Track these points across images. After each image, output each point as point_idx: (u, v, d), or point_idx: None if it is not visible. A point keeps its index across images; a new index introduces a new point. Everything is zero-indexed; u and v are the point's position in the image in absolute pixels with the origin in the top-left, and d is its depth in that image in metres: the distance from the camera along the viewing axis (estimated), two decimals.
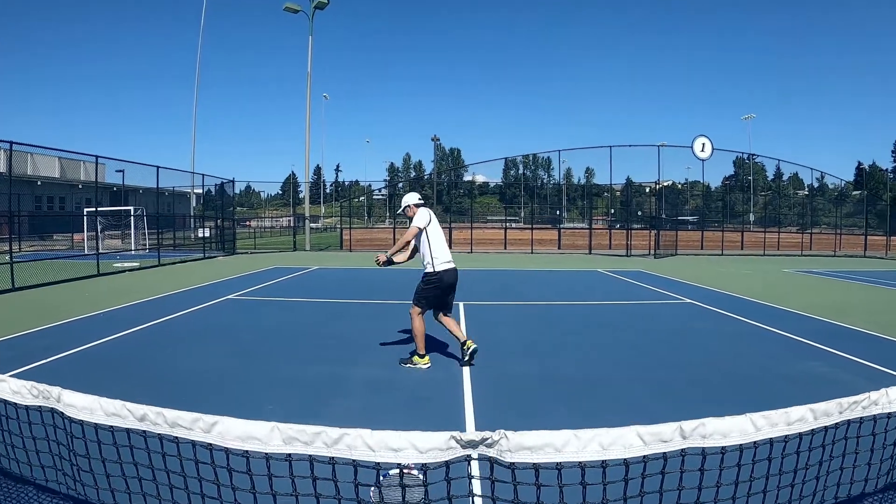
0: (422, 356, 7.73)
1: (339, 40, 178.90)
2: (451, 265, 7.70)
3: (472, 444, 1.81)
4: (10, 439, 2.51)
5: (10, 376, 6.67)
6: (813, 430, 2.33)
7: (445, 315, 7.90)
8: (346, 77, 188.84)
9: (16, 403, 2.26)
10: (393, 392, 6.77)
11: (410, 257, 7.97)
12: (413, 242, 7.80)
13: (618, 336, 10.12)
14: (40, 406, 2.19)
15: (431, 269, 7.56)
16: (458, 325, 8.27)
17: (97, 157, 21.82)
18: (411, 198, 7.88)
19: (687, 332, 10.52)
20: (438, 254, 7.57)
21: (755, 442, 2.17)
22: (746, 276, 21.75)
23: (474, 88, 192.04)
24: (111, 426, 2.00)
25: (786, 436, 2.26)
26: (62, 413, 2.08)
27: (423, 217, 7.56)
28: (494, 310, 13.11)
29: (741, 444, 2.15)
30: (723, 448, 2.12)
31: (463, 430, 5.33)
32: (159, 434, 1.93)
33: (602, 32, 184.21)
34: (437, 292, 7.66)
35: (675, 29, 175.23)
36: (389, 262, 7.70)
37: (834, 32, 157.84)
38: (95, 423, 2.02)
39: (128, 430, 1.99)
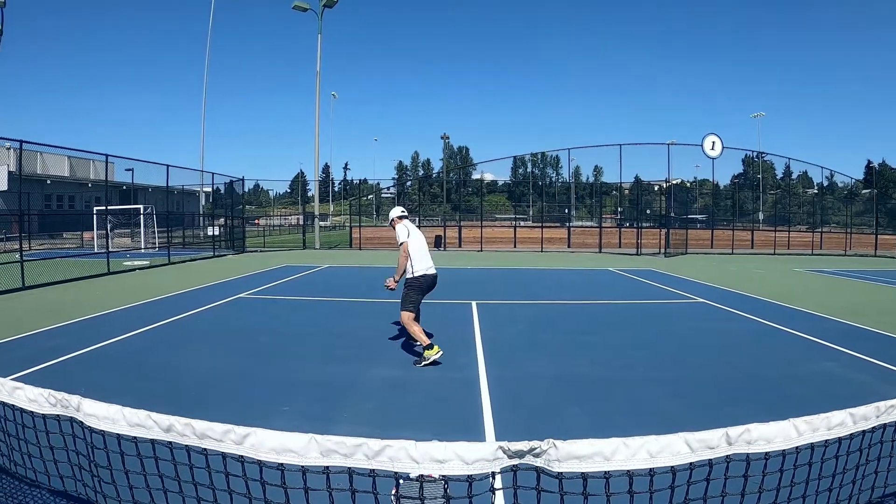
0: (430, 347, 7.81)
1: (349, 39, 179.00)
2: (431, 270, 8.26)
3: (520, 454, 1.72)
4: (27, 448, 2.41)
5: (22, 376, 6.64)
6: (851, 434, 2.26)
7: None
8: (355, 76, 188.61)
9: (32, 412, 2.17)
10: (409, 392, 6.68)
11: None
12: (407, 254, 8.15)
13: (631, 335, 9.99)
14: (59, 415, 2.09)
15: (411, 275, 8.07)
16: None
17: (107, 155, 21.88)
18: (395, 212, 8.56)
19: (700, 332, 10.40)
20: (416, 261, 8.09)
21: (797, 447, 2.11)
22: (757, 275, 21.59)
23: (482, 87, 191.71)
24: (135, 437, 1.90)
25: (826, 440, 2.20)
26: (82, 423, 1.98)
27: (403, 233, 8.14)
28: (507, 308, 13.03)
29: (784, 450, 2.09)
30: (766, 454, 2.10)
31: (482, 431, 5.29)
32: (187, 445, 1.83)
33: (612, 30, 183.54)
34: (418, 294, 8.14)
35: (684, 27, 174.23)
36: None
37: (844, 29, 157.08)
38: (118, 434, 1.92)
39: (153, 441, 1.89)
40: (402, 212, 8.50)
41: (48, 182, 51.90)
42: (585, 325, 11.07)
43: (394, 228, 8.29)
